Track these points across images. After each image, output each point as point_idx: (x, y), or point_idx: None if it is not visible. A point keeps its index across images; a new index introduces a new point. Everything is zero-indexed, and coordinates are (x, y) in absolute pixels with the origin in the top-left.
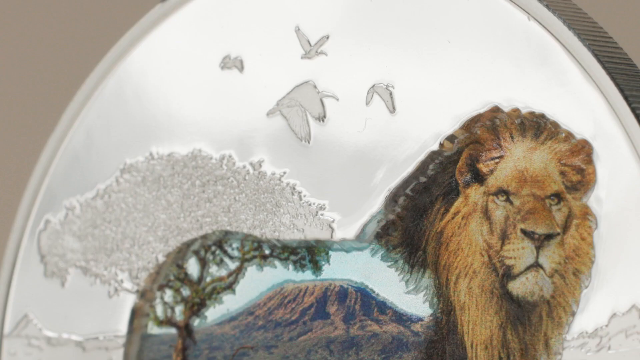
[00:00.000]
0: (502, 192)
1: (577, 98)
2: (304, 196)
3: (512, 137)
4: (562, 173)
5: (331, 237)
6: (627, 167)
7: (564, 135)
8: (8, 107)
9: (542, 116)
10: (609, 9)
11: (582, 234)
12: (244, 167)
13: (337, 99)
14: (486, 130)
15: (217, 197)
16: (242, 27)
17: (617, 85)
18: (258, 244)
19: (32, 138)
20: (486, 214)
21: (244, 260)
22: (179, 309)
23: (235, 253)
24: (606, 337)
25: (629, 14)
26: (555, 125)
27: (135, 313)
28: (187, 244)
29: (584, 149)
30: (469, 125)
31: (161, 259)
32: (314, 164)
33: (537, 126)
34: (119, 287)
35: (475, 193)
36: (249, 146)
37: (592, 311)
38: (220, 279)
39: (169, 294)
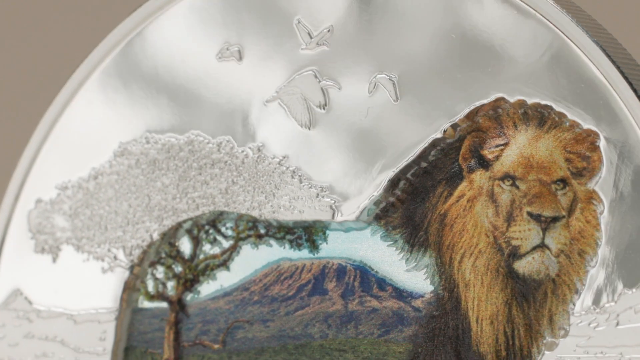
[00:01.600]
0: (509, 177)
1: (584, 90)
2: (305, 179)
3: (515, 126)
4: (568, 160)
5: (332, 219)
6: (636, 153)
7: (568, 124)
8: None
9: (548, 107)
10: (606, 9)
11: (587, 217)
12: (243, 151)
13: (339, 88)
14: (488, 119)
15: (214, 179)
16: (241, 17)
17: (626, 78)
18: (253, 223)
19: (24, 119)
20: (492, 197)
21: (239, 239)
22: (170, 285)
23: (229, 232)
24: (614, 313)
25: (627, 14)
26: (562, 115)
27: (126, 288)
28: (180, 223)
29: (589, 137)
30: (472, 114)
31: (156, 237)
32: (314, 150)
33: (540, 116)
34: (112, 263)
35: (480, 178)
36: (248, 132)
37: (600, 288)
38: (214, 256)
39: (160, 270)
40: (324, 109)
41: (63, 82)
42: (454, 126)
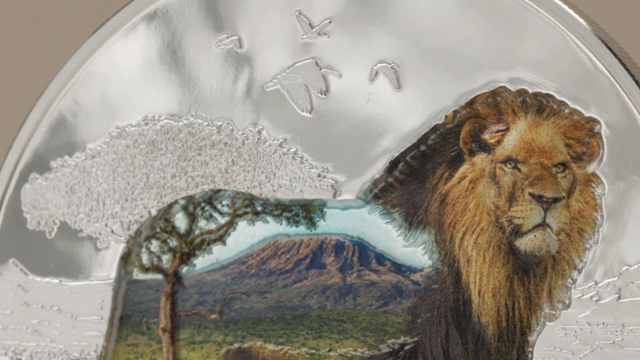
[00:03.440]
0: (511, 160)
1: (585, 80)
2: (305, 160)
3: (514, 113)
4: (568, 145)
5: (333, 198)
6: (636, 138)
7: (567, 111)
8: None
9: (549, 96)
10: (604, 11)
11: (585, 198)
12: (242, 133)
13: (340, 76)
14: (487, 106)
15: (213, 159)
16: (241, 6)
17: (628, 70)
18: (250, 201)
19: (22, 97)
20: (494, 179)
21: (235, 216)
22: (165, 258)
23: (226, 209)
24: (616, 287)
25: (626, 15)
26: (562, 104)
27: (122, 260)
28: (176, 200)
29: (587, 124)
30: (472, 101)
31: (154, 214)
32: (315, 133)
33: (539, 104)
34: (109, 237)
35: (482, 161)
36: (248, 116)
37: (602, 265)
38: (210, 231)
39: (155, 245)
40: (325, 95)
41: (62, 64)
42: (455, 112)
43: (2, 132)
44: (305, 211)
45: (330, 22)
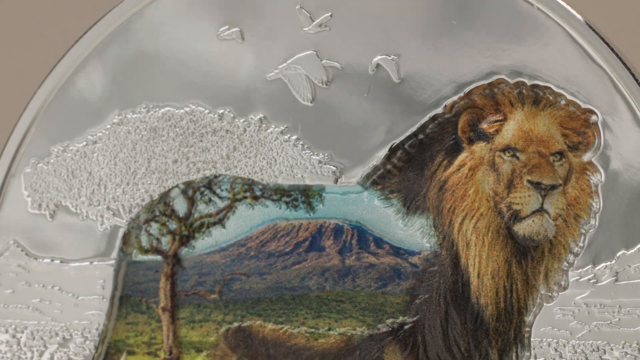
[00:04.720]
0: (509, 149)
1: (582, 72)
2: (306, 148)
3: (511, 104)
4: (564, 135)
5: (335, 184)
6: (633, 128)
7: (563, 103)
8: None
9: (546, 88)
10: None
11: (581, 186)
12: (244, 121)
13: (340, 67)
14: (484, 97)
15: (214, 146)
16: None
17: (624, 63)
18: (249, 185)
19: (24, 85)
20: (493, 166)
21: (235, 200)
22: (165, 240)
23: (225, 194)
24: (613, 270)
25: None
26: (558, 95)
27: (121, 242)
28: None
29: (583, 115)
30: (470, 93)
31: (156, 198)
32: (315, 122)
33: (535, 95)
34: (111, 220)
35: (481, 149)
36: (248, 105)
37: (600, 249)
38: (209, 215)
39: (154, 227)
40: (326, 85)
41: (64, 51)
42: (453, 102)
43: (5, 117)
44: (304, 196)
45: (331, 15)
